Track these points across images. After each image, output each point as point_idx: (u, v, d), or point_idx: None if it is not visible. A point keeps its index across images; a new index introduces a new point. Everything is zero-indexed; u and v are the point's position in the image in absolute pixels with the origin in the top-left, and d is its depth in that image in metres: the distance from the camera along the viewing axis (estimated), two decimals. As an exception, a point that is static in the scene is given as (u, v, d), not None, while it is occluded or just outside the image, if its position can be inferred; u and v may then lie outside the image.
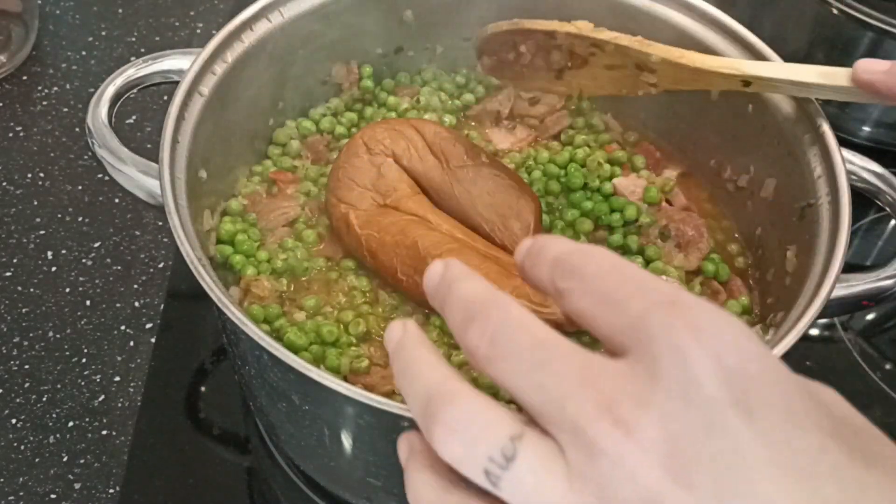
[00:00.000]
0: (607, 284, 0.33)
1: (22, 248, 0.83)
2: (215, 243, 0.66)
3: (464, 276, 0.36)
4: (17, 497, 0.70)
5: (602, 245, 0.70)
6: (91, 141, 0.62)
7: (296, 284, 0.66)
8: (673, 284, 0.35)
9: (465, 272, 0.36)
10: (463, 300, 0.35)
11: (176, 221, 0.54)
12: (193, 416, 0.74)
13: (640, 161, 0.74)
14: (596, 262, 0.34)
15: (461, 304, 0.35)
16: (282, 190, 0.72)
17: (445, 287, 0.36)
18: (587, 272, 0.34)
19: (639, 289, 0.33)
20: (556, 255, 0.36)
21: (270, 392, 0.58)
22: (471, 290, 0.35)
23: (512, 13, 0.76)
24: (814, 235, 0.60)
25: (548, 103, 0.79)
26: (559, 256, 0.35)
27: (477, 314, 0.34)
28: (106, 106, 0.62)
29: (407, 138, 0.69)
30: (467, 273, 0.36)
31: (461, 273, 0.36)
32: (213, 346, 0.78)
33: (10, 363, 0.76)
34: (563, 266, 0.35)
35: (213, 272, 0.54)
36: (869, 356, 0.81)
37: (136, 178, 0.60)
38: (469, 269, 0.37)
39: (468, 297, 0.35)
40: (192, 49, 0.65)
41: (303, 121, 0.75)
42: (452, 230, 0.65)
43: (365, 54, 0.77)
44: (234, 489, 0.72)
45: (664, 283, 0.34)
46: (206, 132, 0.63)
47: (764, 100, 0.67)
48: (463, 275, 0.36)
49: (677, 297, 0.32)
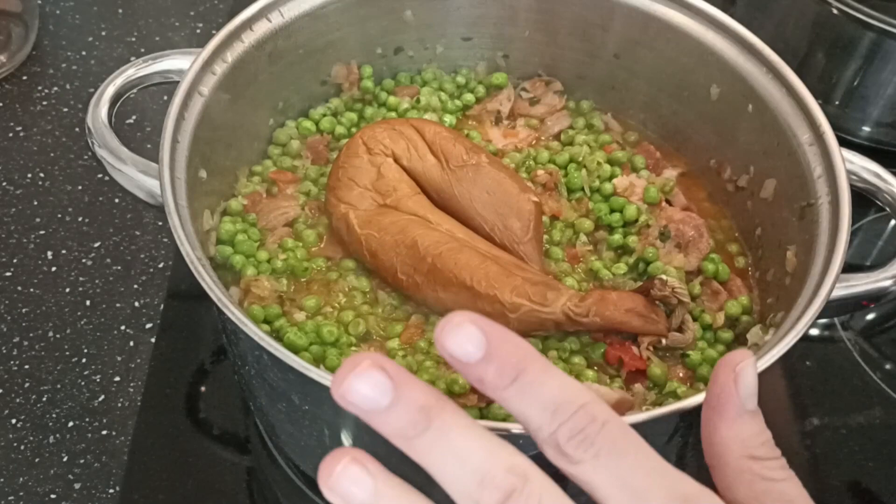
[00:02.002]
0: (626, 464, 0.33)
1: (22, 248, 0.83)
2: (215, 243, 0.66)
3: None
4: (17, 497, 0.70)
5: (602, 245, 0.70)
6: (91, 141, 0.62)
7: (296, 284, 0.66)
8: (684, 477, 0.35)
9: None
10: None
11: (176, 221, 0.54)
12: (193, 416, 0.74)
13: (639, 161, 0.74)
14: (610, 435, 0.34)
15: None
16: (282, 190, 0.71)
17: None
18: (602, 445, 0.33)
19: (657, 482, 0.33)
20: (558, 401, 0.34)
21: (270, 392, 0.58)
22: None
23: (509, 12, 0.77)
24: (814, 235, 0.60)
25: (548, 103, 0.79)
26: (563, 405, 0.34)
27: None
28: (106, 106, 0.62)
29: (407, 138, 0.69)
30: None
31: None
32: (213, 346, 0.78)
33: (10, 363, 0.76)
34: (572, 427, 0.34)
35: (213, 272, 0.54)
36: (869, 356, 0.81)
37: (136, 178, 0.60)
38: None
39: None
40: (192, 49, 0.65)
41: (303, 121, 0.75)
42: (452, 230, 0.65)
43: (365, 54, 0.77)
44: (234, 489, 0.72)
45: (680, 475, 0.34)
46: (206, 132, 0.63)
47: (764, 100, 0.67)
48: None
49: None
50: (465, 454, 0.33)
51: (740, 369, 0.39)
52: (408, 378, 0.33)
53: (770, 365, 0.50)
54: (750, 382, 0.39)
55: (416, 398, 0.33)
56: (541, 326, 0.61)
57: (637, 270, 0.68)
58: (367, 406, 0.33)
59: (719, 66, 0.70)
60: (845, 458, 0.76)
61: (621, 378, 0.62)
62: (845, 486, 0.75)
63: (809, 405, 0.79)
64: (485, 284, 0.61)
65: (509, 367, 0.34)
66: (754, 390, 0.39)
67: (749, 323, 0.66)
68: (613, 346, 0.63)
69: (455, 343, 0.33)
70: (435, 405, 0.33)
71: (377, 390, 0.32)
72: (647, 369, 0.62)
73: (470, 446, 0.33)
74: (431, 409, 0.33)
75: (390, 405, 0.33)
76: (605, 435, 0.34)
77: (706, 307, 0.66)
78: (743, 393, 0.39)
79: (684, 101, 0.74)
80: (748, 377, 0.39)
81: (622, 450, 0.34)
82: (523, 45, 0.78)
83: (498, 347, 0.33)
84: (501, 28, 0.78)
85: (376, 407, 0.33)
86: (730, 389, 0.39)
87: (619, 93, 0.78)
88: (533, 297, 0.60)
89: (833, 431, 0.77)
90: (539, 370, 0.34)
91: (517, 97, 0.79)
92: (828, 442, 0.77)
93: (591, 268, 0.68)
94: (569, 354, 0.62)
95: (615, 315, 0.60)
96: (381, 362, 0.33)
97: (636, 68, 0.76)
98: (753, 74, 0.68)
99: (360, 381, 0.32)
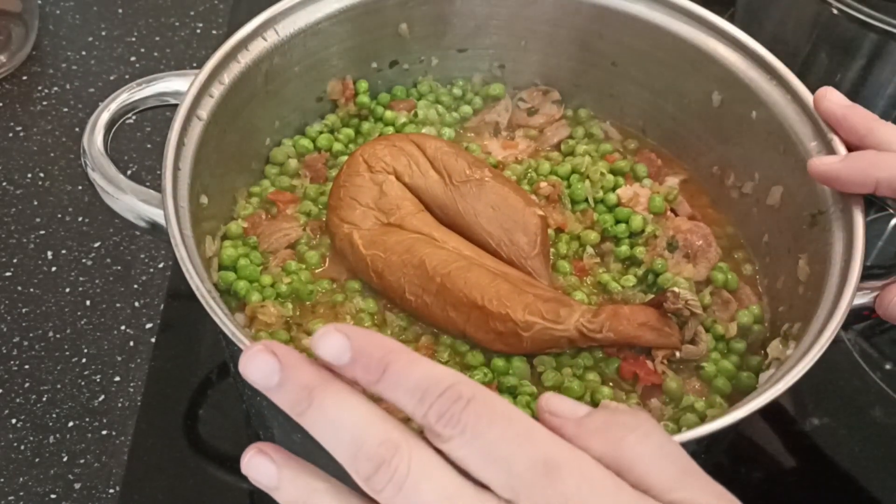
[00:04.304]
0: (490, 436, 0.36)
1: (22, 248, 0.83)
2: (217, 269, 0.65)
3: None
4: (17, 497, 0.69)
5: (609, 257, 0.69)
6: (84, 161, 0.60)
7: (301, 308, 0.65)
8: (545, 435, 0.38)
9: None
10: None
11: (183, 253, 0.53)
12: (193, 415, 0.74)
13: (642, 170, 0.74)
14: (474, 410, 0.36)
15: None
16: (281, 211, 0.70)
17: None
18: (467, 421, 0.36)
19: (521, 450, 0.35)
20: (423, 386, 0.37)
21: (285, 423, 0.57)
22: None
23: (505, 23, 0.76)
24: (826, 244, 0.60)
25: (546, 113, 0.78)
26: (429, 389, 0.36)
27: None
28: (101, 133, 0.60)
29: (408, 154, 0.68)
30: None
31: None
32: (214, 346, 0.77)
33: (10, 363, 0.76)
34: (439, 408, 0.36)
35: (223, 305, 0.52)
36: (869, 356, 0.81)
37: (137, 207, 0.59)
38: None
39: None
40: (187, 71, 0.64)
41: (300, 139, 0.74)
42: (459, 247, 0.64)
43: (360, 69, 0.75)
44: (234, 489, 0.71)
45: (548, 439, 0.36)
46: (206, 156, 0.62)
47: (768, 106, 0.66)
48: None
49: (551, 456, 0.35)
50: (340, 429, 0.37)
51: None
52: (295, 361, 0.37)
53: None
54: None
55: (300, 378, 0.37)
56: (554, 344, 0.60)
57: (646, 282, 0.67)
58: (260, 384, 0.37)
59: (720, 73, 0.69)
60: (845, 458, 0.76)
61: (637, 394, 0.61)
62: (845, 486, 0.74)
63: (809, 405, 0.78)
64: (496, 303, 0.60)
65: (375, 363, 0.37)
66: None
67: (761, 332, 0.65)
68: (628, 361, 0.62)
69: (324, 350, 0.37)
70: (319, 385, 0.37)
71: (266, 371, 0.37)
72: (663, 384, 0.61)
73: (346, 422, 0.37)
74: (315, 388, 0.37)
75: (279, 384, 0.37)
76: (469, 411, 0.36)
77: (717, 318, 0.65)
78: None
79: (685, 108, 0.73)
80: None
81: (487, 423, 0.36)
82: (519, 54, 0.77)
83: (361, 348, 0.37)
84: (497, 38, 0.77)
85: (268, 385, 0.37)
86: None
87: (618, 100, 0.77)
88: (546, 314, 0.59)
89: (833, 431, 0.77)
90: (405, 362, 0.37)
91: (515, 108, 0.78)
92: (828, 442, 0.77)
93: (600, 281, 0.68)
94: (583, 371, 0.62)
95: (629, 329, 0.60)
96: (272, 347, 0.37)
97: (635, 76, 0.75)
98: (756, 81, 0.67)
99: (251, 364, 0.37)
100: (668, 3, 0.70)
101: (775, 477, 0.74)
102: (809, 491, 0.74)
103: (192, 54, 0.99)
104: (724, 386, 0.62)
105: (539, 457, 0.35)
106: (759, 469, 0.74)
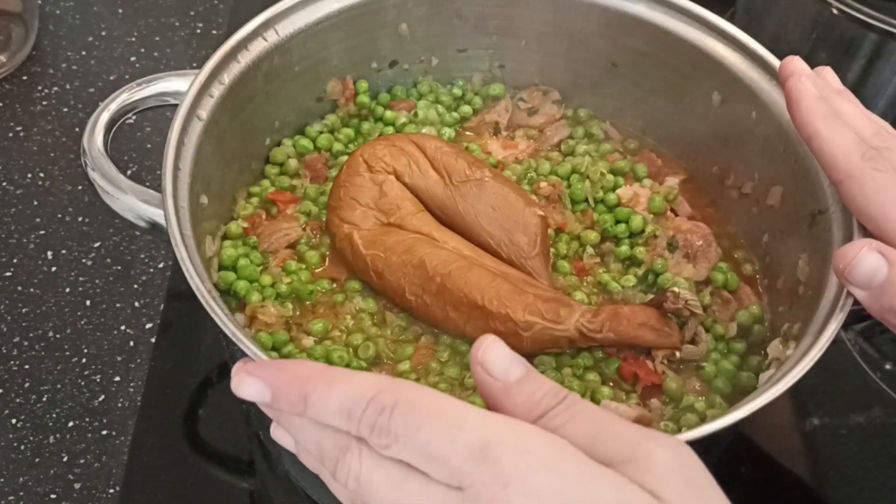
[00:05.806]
0: (421, 437, 0.37)
1: (22, 248, 0.83)
2: (217, 269, 0.65)
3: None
4: (17, 497, 0.69)
5: (610, 257, 0.69)
6: (84, 161, 0.60)
7: (301, 308, 0.65)
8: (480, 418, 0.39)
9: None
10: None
11: (183, 253, 0.53)
12: (193, 416, 0.73)
13: (642, 170, 0.74)
14: (401, 416, 0.37)
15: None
16: (281, 210, 0.70)
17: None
18: (397, 428, 0.37)
19: (454, 443, 0.37)
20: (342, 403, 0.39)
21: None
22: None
23: (505, 23, 0.76)
24: (827, 244, 0.60)
25: (546, 113, 0.78)
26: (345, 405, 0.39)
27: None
28: (101, 133, 0.60)
29: (408, 154, 0.68)
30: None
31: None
32: (214, 346, 0.77)
33: (10, 363, 0.76)
34: (368, 423, 0.38)
35: (223, 305, 0.52)
36: (869, 356, 0.81)
37: (137, 207, 0.59)
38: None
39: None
40: (187, 71, 0.64)
41: (300, 139, 0.74)
42: (459, 247, 0.64)
43: (360, 69, 0.75)
44: (234, 489, 0.71)
45: (479, 420, 0.37)
46: (206, 157, 0.62)
47: (768, 106, 0.66)
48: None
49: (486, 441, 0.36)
50: (307, 436, 0.41)
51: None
52: (274, 380, 0.41)
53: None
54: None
55: (284, 401, 0.40)
56: (554, 344, 0.60)
57: (646, 282, 0.67)
58: (255, 400, 0.41)
59: (720, 73, 0.69)
60: (845, 458, 0.76)
61: (637, 394, 0.61)
62: (845, 486, 0.74)
63: (809, 405, 0.78)
64: (496, 303, 0.60)
65: (295, 398, 0.40)
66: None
67: (761, 332, 0.65)
68: (628, 362, 0.62)
69: (244, 394, 0.41)
70: (297, 403, 0.40)
71: (257, 395, 0.41)
72: (663, 384, 0.61)
73: (308, 434, 0.41)
74: (295, 406, 0.40)
75: (269, 404, 0.41)
76: (396, 418, 0.37)
77: (717, 317, 0.65)
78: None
79: (685, 108, 0.73)
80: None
81: (415, 426, 0.37)
82: (519, 54, 0.77)
83: (278, 388, 0.40)
84: (497, 38, 0.77)
85: (261, 401, 0.41)
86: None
87: (618, 100, 0.77)
88: (546, 314, 0.59)
89: (833, 431, 0.77)
90: (323, 387, 0.39)
91: (515, 108, 0.78)
92: (828, 442, 0.76)
93: (600, 281, 0.68)
94: (583, 371, 0.62)
95: (629, 330, 0.60)
96: (256, 371, 0.41)
97: (635, 76, 0.75)
98: (756, 81, 0.67)
99: (242, 389, 0.41)
100: (668, 3, 0.70)
101: (775, 477, 0.74)
102: (809, 491, 0.74)
103: (192, 54, 0.99)
104: (724, 386, 0.62)
105: (473, 443, 0.36)
106: (759, 469, 0.74)
